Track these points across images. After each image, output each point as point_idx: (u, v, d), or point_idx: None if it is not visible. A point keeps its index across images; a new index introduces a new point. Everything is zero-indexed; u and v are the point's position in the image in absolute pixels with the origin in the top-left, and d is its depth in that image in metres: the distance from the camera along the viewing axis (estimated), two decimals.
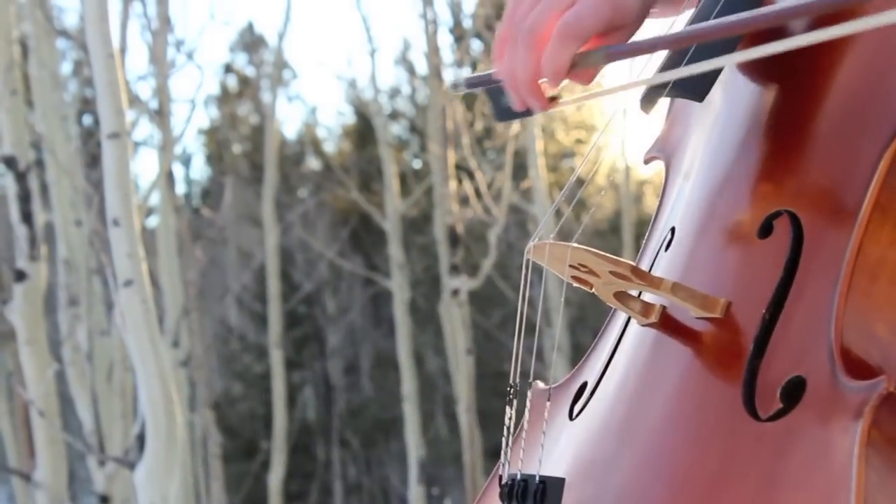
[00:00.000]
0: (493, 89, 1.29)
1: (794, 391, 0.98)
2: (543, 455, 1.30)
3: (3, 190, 6.21)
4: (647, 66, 1.23)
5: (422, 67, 18.47)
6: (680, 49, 1.21)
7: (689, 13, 1.32)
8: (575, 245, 1.17)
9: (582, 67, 1.20)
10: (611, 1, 1.21)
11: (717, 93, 1.31)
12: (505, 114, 1.30)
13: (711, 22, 1.11)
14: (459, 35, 15.73)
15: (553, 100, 1.24)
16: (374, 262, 18.36)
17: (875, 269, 1.01)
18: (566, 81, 1.23)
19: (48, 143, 6.54)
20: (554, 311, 10.74)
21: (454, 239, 9.67)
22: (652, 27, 1.35)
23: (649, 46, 1.17)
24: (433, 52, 10.33)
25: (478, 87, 1.33)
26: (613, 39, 1.23)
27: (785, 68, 1.17)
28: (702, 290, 1.14)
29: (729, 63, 1.18)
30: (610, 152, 12.48)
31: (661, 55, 1.24)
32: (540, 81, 1.22)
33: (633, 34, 1.26)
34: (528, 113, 1.27)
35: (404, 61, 19.31)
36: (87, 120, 12.16)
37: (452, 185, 9.88)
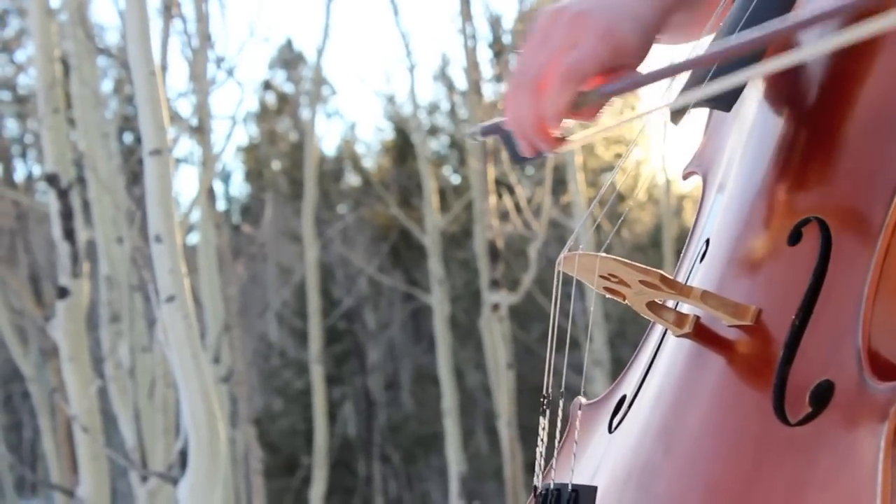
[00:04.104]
0: (506, 135, 1.33)
1: (822, 395, 0.99)
2: (583, 467, 1.32)
3: (45, 207, 6.24)
4: (673, 85, 1.25)
5: (461, 83, 18.48)
6: (700, 69, 1.23)
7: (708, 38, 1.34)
8: (604, 255, 1.19)
9: (581, 108, 1.25)
10: (609, 43, 1.25)
11: (751, 105, 1.32)
12: (519, 157, 1.34)
13: (721, 42, 1.14)
14: (499, 50, 15.74)
15: (561, 140, 1.27)
16: (414, 278, 18.38)
17: None
18: (570, 121, 1.27)
19: (90, 160, 6.57)
20: (594, 324, 10.71)
21: (494, 254, 9.65)
22: (664, 53, 1.38)
23: (645, 79, 1.20)
24: (472, 67, 10.32)
25: (492, 134, 1.37)
26: (616, 76, 1.26)
27: (813, 78, 1.18)
28: (733, 299, 1.14)
29: (746, 78, 1.19)
30: (649, 166, 12.49)
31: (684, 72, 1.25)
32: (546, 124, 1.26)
33: (636, 68, 1.29)
34: (541, 155, 1.31)
35: (443, 77, 19.34)
36: (128, 137, 12.24)
37: (492, 200, 9.87)
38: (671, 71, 1.20)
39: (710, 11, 1.40)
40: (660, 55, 1.34)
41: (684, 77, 1.25)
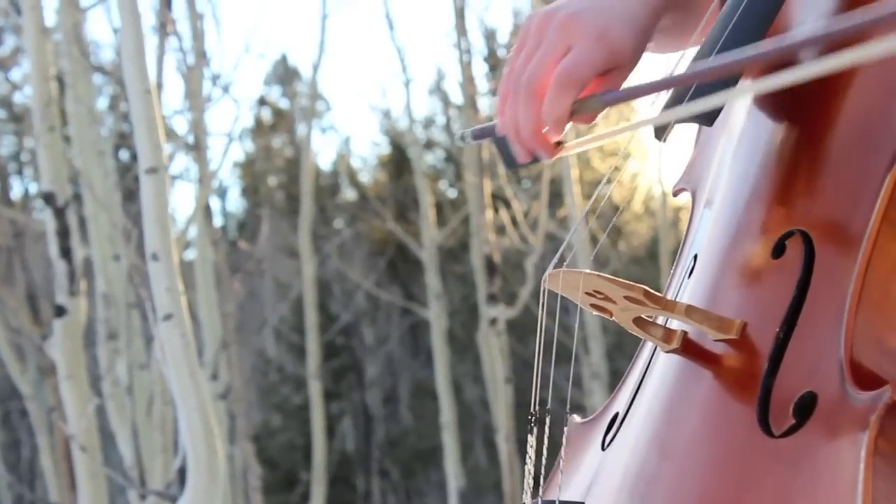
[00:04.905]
0: (500, 139, 1.31)
1: (806, 407, 1.00)
2: (575, 484, 1.33)
3: (42, 225, 6.24)
4: (657, 101, 1.25)
5: (456, 97, 18.49)
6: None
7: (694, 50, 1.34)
8: (587, 271, 1.19)
9: (581, 114, 1.23)
10: (605, 46, 1.25)
11: (739, 120, 1.33)
12: (513, 162, 1.32)
13: (708, 61, 1.15)
14: (494, 64, 15.77)
15: (558, 145, 1.27)
16: (412, 292, 18.35)
17: (885, 282, 1.02)
18: (569, 126, 1.25)
19: (86, 178, 6.56)
20: (592, 337, 10.71)
21: (491, 268, 9.66)
22: (652, 62, 1.38)
23: (647, 89, 1.19)
24: (468, 81, 10.34)
25: (483, 138, 1.36)
26: (611, 80, 1.27)
27: (797, 93, 1.19)
28: (718, 313, 1.15)
29: (728, 99, 1.21)
30: (645, 178, 12.50)
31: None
32: (544, 130, 1.25)
33: (630, 72, 1.29)
34: (535, 160, 1.29)
35: (439, 91, 19.36)
36: (124, 154, 12.23)
37: (489, 214, 9.88)
38: (671, 82, 1.20)
39: (698, 16, 1.40)
40: (652, 63, 1.34)
41: (666, 94, 1.25)
